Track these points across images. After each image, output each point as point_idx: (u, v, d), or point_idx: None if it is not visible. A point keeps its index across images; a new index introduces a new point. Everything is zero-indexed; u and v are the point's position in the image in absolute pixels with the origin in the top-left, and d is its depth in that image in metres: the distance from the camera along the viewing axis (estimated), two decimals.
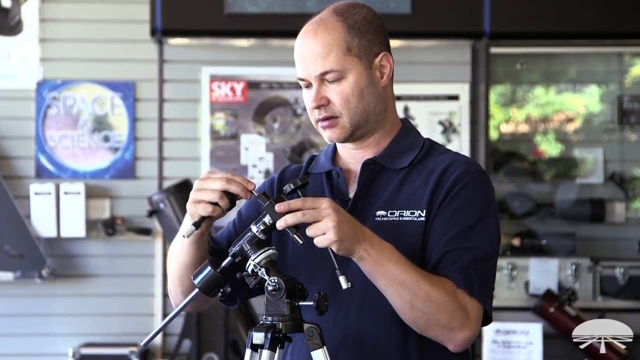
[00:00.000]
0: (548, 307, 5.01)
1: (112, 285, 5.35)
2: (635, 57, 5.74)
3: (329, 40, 2.07)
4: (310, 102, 2.10)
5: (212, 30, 5.21)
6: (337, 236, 1.91)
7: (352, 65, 2.08)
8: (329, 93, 2.08)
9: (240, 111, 5.40)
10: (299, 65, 2.11)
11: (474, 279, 2.02)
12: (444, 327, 1.99)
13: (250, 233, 1.98)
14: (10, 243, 5.18)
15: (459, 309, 1.99)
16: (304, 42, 2.10)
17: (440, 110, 5.38)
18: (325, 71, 2.07)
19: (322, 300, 1.94)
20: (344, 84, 2.07)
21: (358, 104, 2.08)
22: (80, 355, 5.09)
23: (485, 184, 2.10)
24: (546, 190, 5.66)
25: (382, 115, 2.13)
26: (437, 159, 2.12)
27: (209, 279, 2.01)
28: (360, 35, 2.10)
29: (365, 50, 2.10)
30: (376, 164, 2.13)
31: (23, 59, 5.34)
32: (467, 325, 2.00)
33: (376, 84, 2.11)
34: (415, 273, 1.97)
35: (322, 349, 1.94)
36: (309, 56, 2.08)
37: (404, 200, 2.09)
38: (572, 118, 5.76)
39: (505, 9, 5.16)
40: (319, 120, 2.11)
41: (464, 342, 2.01)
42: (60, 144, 5.35)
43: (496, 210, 2.11)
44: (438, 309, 1.97)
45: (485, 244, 2.05)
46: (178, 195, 5.00)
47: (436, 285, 1.98)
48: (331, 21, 2.10)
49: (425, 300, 1.96)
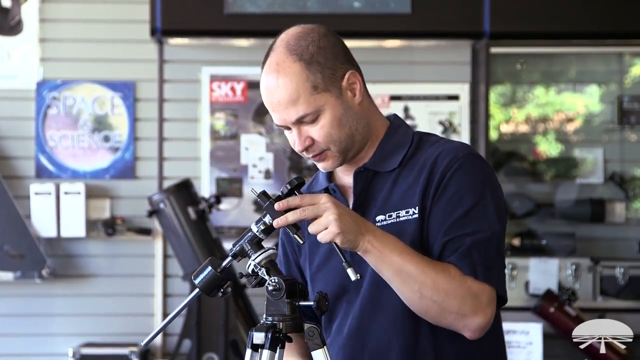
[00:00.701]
0: (548, 307, 5.01)
1: (112, 285, 5.35)
2: (635, 57, 5.73)
3: (293, 87, 2.04)
4: (296, 147, 2.09)
5: (212, 30, 5.21)
6: (339, 228, 1.91)
7: (324, 101, 2.06)
8: (311, 132, 2.07)
9: (240, 111, 5.40)
10: (273, 114, 2.09)
11: (477, 263, 1.99)
12: (456, 314, 1.97)
13: (250, 233, 1.98)
14: (11, 243, 5.18)
15: (469, 294, 1.97)
16: (269, 92, 2.08)
17: (440, 110, 5.37)
18: (299, 117, 2.05)
19: (322, 300, 1.94)
20: (322, 121, 2.06)
21: (340, 133, 2.08)
22: (81, 355, 5.09)
23: (475, 166, 2.07)
24: (546, 191, 5.66)
25: (366, 130, 2.12)
26: (427, 152, 2.11)
27: (209, 279, 2.00)
28: (320, 68, 2.06)
29: (329, 80, 2.06)
30: (368, 171, 2.13)
31: (23, 59, 5.34)
32: (480, 310, 1.98)
33: (351, 106, 2.09)
34: (421, 262, 1.96)
35: (322, 349, 1.94)
36: (279, 106, 2.06)
37: (398, 200, 2.08)
38: (572, 118, 5.76)
39: (505, 9, 5.16)
40: (310, 158, 2.12)
41: (480, 327, 1.99)
42: (61, 144, 5.35)
43: (494, 188, 2.08)
44: (447, 296, 1.96)
45: (483, 226, 2.03)
46: (178, 195, 5.00)
47: (443, 272, 1.97)
48: (288, 64, 2.06)
49: (434, 288, 1.95)
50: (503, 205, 2.10)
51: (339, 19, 5.05)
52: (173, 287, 5.35)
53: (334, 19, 5.00)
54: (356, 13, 5.13)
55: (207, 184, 5.36)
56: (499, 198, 2.09)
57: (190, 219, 4.98)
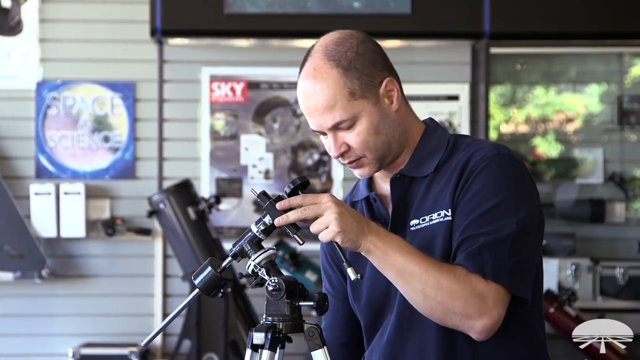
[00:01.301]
0: (548, 307, 5.01)
1: (112, 285, 5.35)
2: (635, 57, 5.73)
3: (331, 94, 2.04)
4: (332, 152, 2.09)
5: (212, 31, 5.21)
6: (340, 227, 1.91)
7: (361, 107, 2.06)
8: (347, 139, 2.07)
9: (240, 111, 5.40)
10: (309, 119, 2.09)
11: (486, 262, 1.97)
12: (461, 315, 1.95)
13: (250, 233, 1.98)
14: (10, 243, 5.18)
15: (474, 295, 1.94)
16: (306, 97, 2.07)
17: (440, 110, 5.37)
18: (335, 123, 2.05)
19: (322, 300, 1.94)
20: (358, 127, 2.06)
21: (377, 140, 2.08)
22: (80, 355, 5.09)
23: (503, 165, 2.05)
24: (546, 191, 5.66)
25: (403, 137, 2.13)
26: (460, 154, 2.10)
27: (209, 279, 2.00)
28: (358, 75, 2.06)
29: (367, 86, 2.06)
30: (405, 177, 2.12)
31: (23, 59, 5.34)
32: (486, 312, 1.95)
33: (388, 113, 2.10)
34: (425, 262, 1.95)
35: (322, 349, 1.94)
36: (315, 112, 2.06)
37: (431, 203, 2.08)
38: (572, 118, 5.76)
39: (505, 9, 5.16)
40: (345, 164, 2.12)
41: (485, 330, 1.96)
42: (60, 144, 5.35)
43: (523, 188, 2.05)
44: (451, 297, 1.94)
45: (501, 226, 1.99)
46: (178, 195, 5.00)
47: (447, 272, 1.95)
48: (326, 70, 2.05)
49: (437, 289, 1.94)
50: (534, 205, 2.05)
51: (339, 19, 5.04)
52: (173, 288, 5.35)
53: (334, 19, 5.00)
54: (356, 13, 5.13)
55: (206, 184, 5.36)
56: (528, 197, 2.05)
57: (190, 219, 4.98)
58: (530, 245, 2.04)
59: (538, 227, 2.07)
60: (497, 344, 2.03)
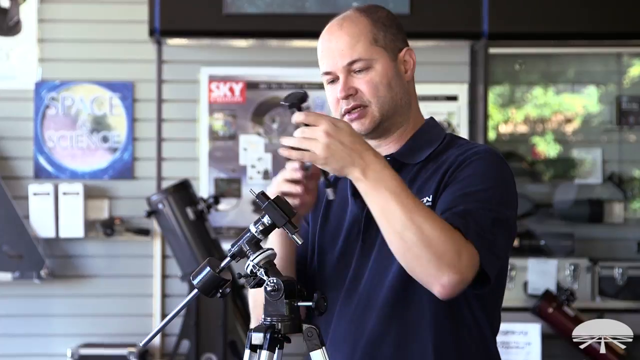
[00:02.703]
0: (547, 307, 5.01)
1: (111, 285, 5.35)
2: (634, 58, 5.74)
3: (356, 31, 2.10)
4: (338, 93, 2.10)
5: (210, 31, 5.21)
6: (323, 155, 1.93)
7: (379, 55, 2.11)
8: (357, 83, 2.10)
9: (239, 111, 5.40)
10: (324, 60, 2.12)
11: (471, 226, 1.95)
12: (432, 264, 1.89)
13: (249, 234, 1.98)
14: (9, 243, 5.18)
15: (453, 248, 1.90)
16: (329, 36, 2.12)
17: (438, 110, 5.37)
18: (353, 60, 2.09)
19: (320, 301, 1.94)
20: (372, 73, 2.09)
21: (387, 93, 2.10)
22: (79, 355, 5.09)
23: (495, 162, 2.07)
24: (545, 191, 5.66)
25: (407, 109, 2.15)
26: (453, 150, 2.12)
27: (208, 279, 2.00)
28: (385, 29, 2.13)
29: (390, 43, 2.13)
30: (395, 161, 2.13)
31: (21, 59, 5.34)
32: (457, 267, 1.90)
33: (402, 76, 2.15)
34: (412, 205, 1.91)
35: (320, 350, 1.94)
36: (336, 49, 2.10)
37: (417, 190, 2.08)
38: (570, 119, 5.76)
39: (503, 10, 5.16)
40: (348, 111, 2.10)
41: (450, 284, 1.91)
42: (59, 144, 5.35)
43: (508, 188, 2.06)
44: (429, 244, 1.89)
45: (486, 208, 1.99)
46: (177, 195, 5.00)
47: (432, 221, 1.91)
48: (356, 16, 2.13)
49: (416, 233, 1.89)
50: (513, 213, 2.07)
51: None
52: (172, 288, 5.35)
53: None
54: None
55: (205, 185, 5.36)
56: (511, 203, 2.07)
57: (189, 219, 4.98)
58: (503, 237, 2.03)
59: (509, 232, 2.07)
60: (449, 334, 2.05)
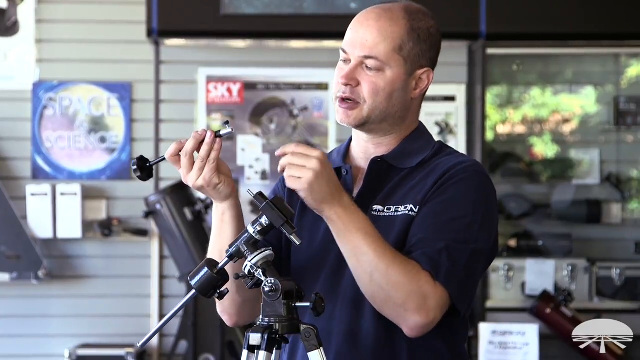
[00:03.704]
0: (544, 308, 5.01)
1: (109, 286, 5.35)
2: (632, 58, 5.74)
3: (387, 31, 2.09)
4: (341, 78, 2.10)
5: (208, 31, 5.21)
6: (309, 184, 1.94)
7: (396, 64, 2.09)
8: (362, 77, 2.09)
9: (236, 112, 5.40)
10: (348, 38, 2.13)
11: (442, 265, 1.98)
12: (399, 307, 1.96)
13: (247, 234, 1.98)
14: (7, 244, 5.17)
15: (418, 292, 1.96)
16: (363, 21, 2.13)
17: (436, 111, 5.37)
18: (369, 56, 2.08)
19: (319, 301, 1.94)
20: (380, 76, 2.08)
21: (384, 101, 2.09)
22: (77, 356, 5.08)
23: (481, 185, 2.08)
24: (542, 191, 5.66)
25: (398, 122, 2.14)
26: (442, 159, 2.12)
27: (205, 280, 2.00)
28: (416, 42, 2.12)
29: (414, 57, 2.12)
30: (384, 163, 2.13)
31: (19, 59, 5.33)
32: (424, 310, 1.96)
33: (408, 92, 2.13)
34: (381, 248, 1.96)
35: (318, 350, 1.94)
36: (362, 36, 2.10)
37: (402, 196, 2.09)
38: (568, 119, 5.76)
39: (501, 10, 5.16)
40: (341, 98, 2.11)
41: (417, 326, 1.97)
42: (57, 144, 5.34)
43: (490, 213, 2.08)
44: (396, 287, 1.95)
45: (465, 238, 2.01)
46: (174, 196, 5.00)
47: (400, 264, 1.96)
48: (398, 15, 2.11)
49: (384, 276, 1.95)
50: (493, 235, 2.08)
51: (336, 19, 5.04)
52: (169, 288, 5.35)
53: (331, 20, 4.99)
54: (353, 14, 5.08)
55: None
56: (492, 226, 2.08)
57: (187, 220, 4.98)
58: (480, 269, 2.07)
59: (488, 258, 2.09)
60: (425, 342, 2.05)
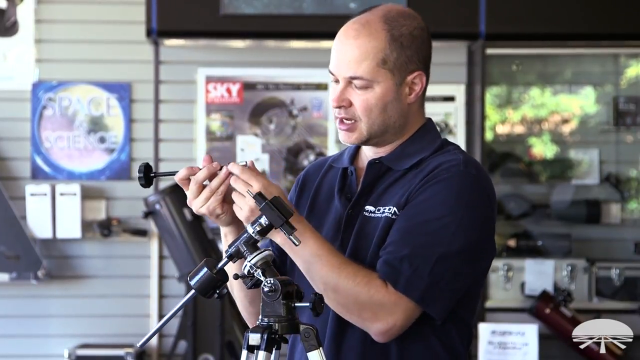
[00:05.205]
0: (544, 308, 5.02)
1: (108, 286, 5.35)
2: (631, 59, 5.74)
3: (368, 48, 2.06)
4: (332, 100, 2.10)
5: (207, 31, 5.21)
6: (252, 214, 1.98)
7: (383, 78, 2.06)
8: (353, 97, 2.08)
9: (236, 112, 5.40)
10: (333, 59, 2.11)
11: (403, 274, 1.98)
12: (357, 317, 2.02)
13: (246, 234, 1.97)
14: (6, 244, 5.17)
15: (370, 302, 1.99)
16: (343, 40, 2.10)
17: (436, 111, 5.37)
18: (354, 76, 2.06)
19: (318, 301, 1.94)
20: (370, 93, 2.06)
21: (379, 115, 2.08)
22: (76, 356, 5.08)
23: (462, 185, 2.03)
24: (542, 191, 5.66)
25: (400, 129, 2.12)
26: (436, 158, 2.10)
27: (205, 280, 1.99)
28: (400, 50, 2.07)
29: (401, 66, 2.07)
30: (382, 165, 2.13)
31: (19, 60, 5.33)
32: (381, 318, 1.99)
33: (402, 100, 2.09)
34: (328, 265, 2.00)
35: (318, 350, 1.94)
36: (344, 57, 2.08)
37: (390, 197, 2.08)
38: (567, 119, 5.76)
39: (501, 10, 5.16)
40: (338, 119, 2.11)
41: (380, 332, 2.01)
42: (56, 145, 5.34)
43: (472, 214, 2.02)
44: (347, 299, 2.00)
45: (432, 242, 1.99)
46: (174, 196, 5.00)
47: (348, 277, 1.99)
48: (376, 27, 2.08)
49: (336, 291, 2.00)
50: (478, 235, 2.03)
51: (335, 20, 4.99)
52: (169, 288, 5.35)
53: (330, 20, 4.99)
54: (352, 14, 5.11)
55: None
56: (474, 226, 2.02)
57: (186, 220, 4.98)
58: (456, 272, 2.01)
59: (475, 257, 2.04)
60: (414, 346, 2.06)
